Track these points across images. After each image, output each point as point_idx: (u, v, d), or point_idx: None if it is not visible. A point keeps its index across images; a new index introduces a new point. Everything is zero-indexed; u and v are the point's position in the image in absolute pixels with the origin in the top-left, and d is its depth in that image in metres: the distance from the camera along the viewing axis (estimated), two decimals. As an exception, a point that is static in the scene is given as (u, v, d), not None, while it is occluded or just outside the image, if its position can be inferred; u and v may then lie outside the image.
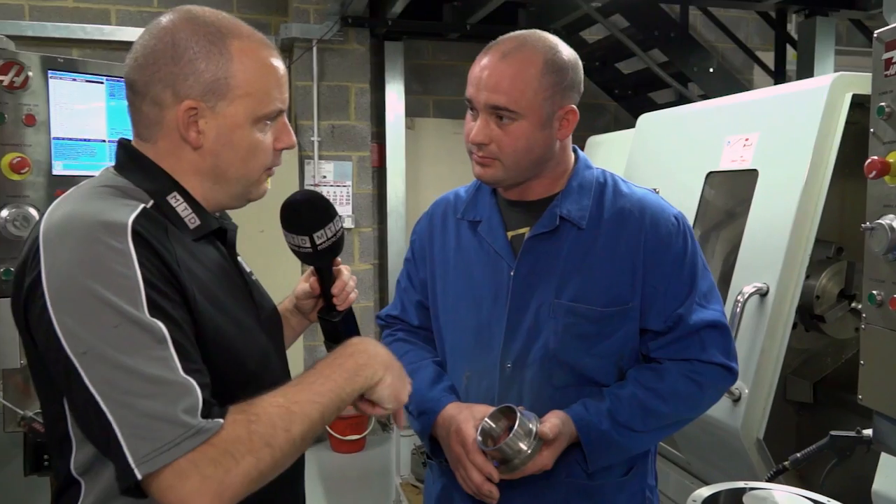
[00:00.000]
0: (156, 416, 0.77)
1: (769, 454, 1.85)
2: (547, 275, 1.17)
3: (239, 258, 1.11)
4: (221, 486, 0.78)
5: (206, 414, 0.80)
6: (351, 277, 1.14)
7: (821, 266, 2.10)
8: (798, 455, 1.33)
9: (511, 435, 1.07)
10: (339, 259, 1.13)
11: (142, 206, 0.90)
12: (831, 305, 2.09)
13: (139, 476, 0.76)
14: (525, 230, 1.20)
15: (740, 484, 1.12)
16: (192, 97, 0.92)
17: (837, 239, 2.22)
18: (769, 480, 1.38)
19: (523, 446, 1.07)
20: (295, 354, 4.28)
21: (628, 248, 1.17)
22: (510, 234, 1.22)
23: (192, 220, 0.96)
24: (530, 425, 1.08)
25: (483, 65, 1.15)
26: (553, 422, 1.10)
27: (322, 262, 1.09)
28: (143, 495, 0.79)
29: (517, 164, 1.16)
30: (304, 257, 1.08)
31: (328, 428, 4.18)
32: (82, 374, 0.79)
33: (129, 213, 0.86)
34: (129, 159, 0.97)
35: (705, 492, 1.10)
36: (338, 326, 1.12)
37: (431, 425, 1.19)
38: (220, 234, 1.04)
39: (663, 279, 1.17)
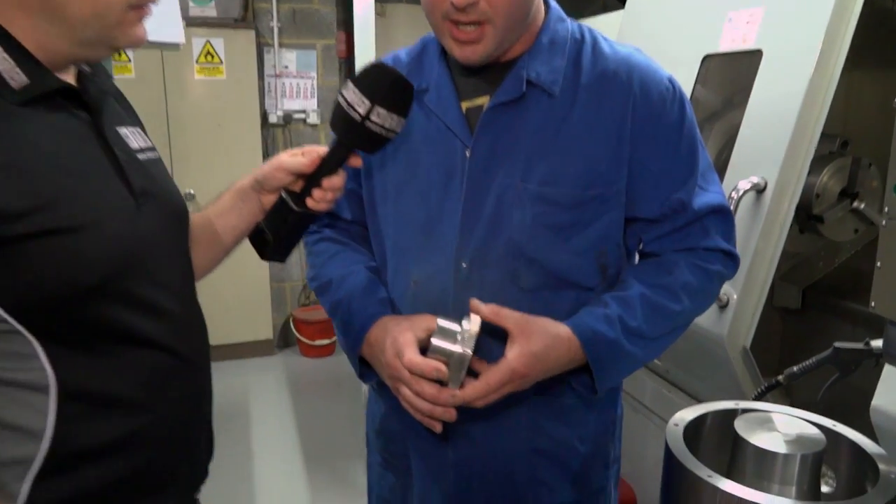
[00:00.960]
0: None
1: (755, 364, 1.71)
2: (511, 154, 0.94)
3: (124, 129, 0.86)
4: None
5: None
6: (342, 188, 0.94)
7: (822, 162, 1.91)
8: (794, 369, 1.18)
9: (432, 339, 0.89)
10: (360, 158, 0.94)
11: None
12: (831, 205, 1.91)
13: None
14: (484, 100, 0.97)
15: (729, 404, 0.96)
16: None
17: (841, 132, 2.02)
18: (759, 396, 1.23)
19: (449, 347, 0.88)
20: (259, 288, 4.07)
21: (612, 118, 0.94)
22: (465, 105, 0.98)
23: (15, 78, 0.71)
24: (453, 325, 0.90)
25: None
26: (496, 307, 0.91)
27: (351, 139, 0.90)
28: None
29: (510, 21, 0.91)
30: (340, 121, 0.88)
31: (296, 333, 4.06)
32: None
33: None
34: None
35: (689, 414, 0.93)
36: (289, 219, 0.92)
37: (361, 343, 1.00)
38: (76, 96, 0.79)
39: (657, 156, 0.96)
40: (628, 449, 1.26)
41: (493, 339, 0.95)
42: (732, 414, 0.94)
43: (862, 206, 1.92)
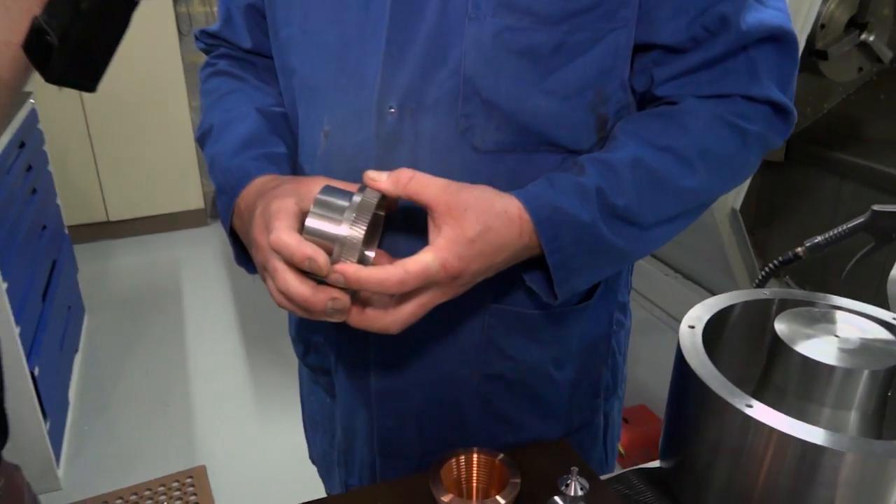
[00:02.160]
0: None
1: (744, 229, 1.50)
2: None
3: None
4: None
5: None
6: None
7: (829, -15, 1.60)
8: (819, 239, 0.94)
9: (308, 217, 0.57)
10: None
11: None
12: (837, 37, 1.63)
13: None
14: None
15: (761, 293, 0.72)
16: None
17: (853, -51, 1.70)
18: (769, 275, 1.01)
19: (328, 227, 0.56)
20: (183, 151, 3.56)
21: None
22: None
23: None
24: (339, 198, 0.57)
25: None
26: (405, 172, 0.58)
27: None
28: None
29: None
30: None
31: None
32: None
33: None
34: None
35: (706, 311, 0.69)
36: (83, 3, 0.55)
37: (231, 211, 0.68)
38: None
39: None
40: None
41: (411, 233, 0.66)
42: (764, 308, 0.71)
43: (871, 38, 1.65)
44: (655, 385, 2.16)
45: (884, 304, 0.74)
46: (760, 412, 0.56)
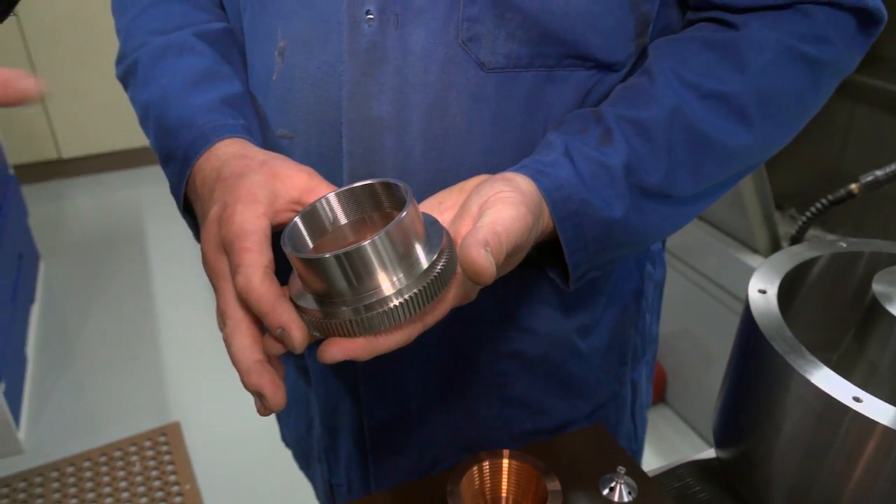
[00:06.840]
0: None
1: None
2: None
3: None
4: None
5: None
6: None
7: None
8: (878, 173, 0.81)
9: (291, 287, 0.41)
10: None
11: None
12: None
13: None
14: None
15: (843, 244, 0.59)
16: None
17: None
18: (816, 215, 0.88)
19: (390, 293, 0.39)
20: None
21: None
22: None
23: None
24: (416, 241, 0.39)
25: None
26: (502, 209, 0.41)
27: None
28: None
29: None
30: None
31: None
32: None
33: None
34: None
35: (775, 269, 0.56)
36: None
37: (184, 181, 0.51)
38: None
39: None
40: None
41: None
42: (846, 262, 0.58)
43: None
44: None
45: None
46: (870, 407, 0.44)
